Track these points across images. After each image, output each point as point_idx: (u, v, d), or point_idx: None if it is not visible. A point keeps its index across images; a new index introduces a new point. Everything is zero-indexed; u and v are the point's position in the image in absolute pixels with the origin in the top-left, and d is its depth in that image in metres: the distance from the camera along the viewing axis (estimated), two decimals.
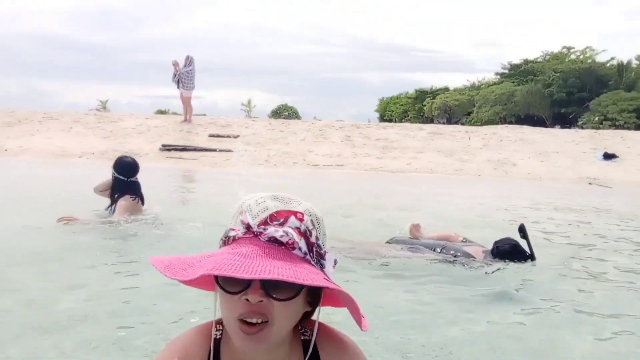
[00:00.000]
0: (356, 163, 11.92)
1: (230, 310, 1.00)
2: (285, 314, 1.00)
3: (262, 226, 1.01)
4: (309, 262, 1.01)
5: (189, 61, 16.74)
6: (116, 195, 4.88)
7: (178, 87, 16.66)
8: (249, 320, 0.98)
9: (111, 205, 4.93)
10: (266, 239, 1.00)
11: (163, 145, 12.80)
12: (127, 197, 4.88)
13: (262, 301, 0.97)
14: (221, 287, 0.99)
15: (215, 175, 9.81)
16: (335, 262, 1.06)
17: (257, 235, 1.01)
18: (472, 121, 61.91)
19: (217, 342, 1.10)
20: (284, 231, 1.01)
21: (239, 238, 1.01)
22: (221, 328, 1.10)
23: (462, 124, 61.12)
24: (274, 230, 1.01)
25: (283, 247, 0.99)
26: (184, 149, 12.72)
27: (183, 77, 16.51)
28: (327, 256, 1.05)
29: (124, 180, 4.92)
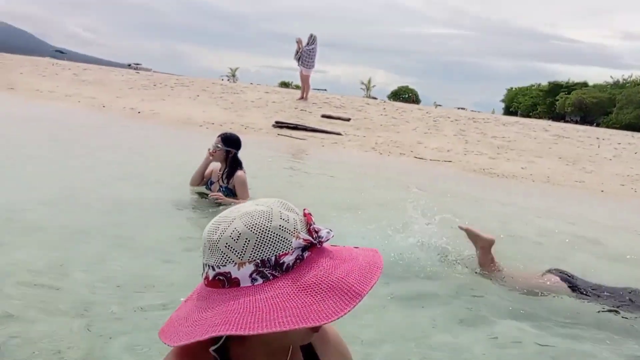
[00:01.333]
0: (465, 161, 11.42)
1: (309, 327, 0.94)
2: None
3: (316, 234, 0.99)
4: None
5: (312, 39, 17.02)
6: (229, 172, 4.87)
7: (299, 65, 17.06)
8: None
9: (226, 180, 4.89)
10: (324, 242, 0.99)
11: (276, 122, 13.21)
12: (242, 173, 4.89)
13: None
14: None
15: (322, 158, 9.95)
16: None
17: (319, 244, 0.99)
18: (610, 122, 56.66)
19: (222, 346, 1.07)
20: (326, 229, 1.01)
21: (307, 257, 0.96)
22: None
23: (598, 124, 56.13)
24: (327, 233, 1.00)
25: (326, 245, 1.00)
26: (296, 127, 13.02)
27: (304, 55, 16.86)
28: None
29: (237, 155, 4.95)
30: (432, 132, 14.28)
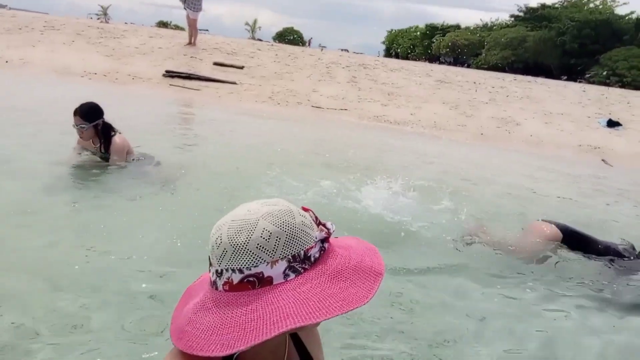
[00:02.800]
0: (360, 108, 11.84)
1: None
2: None
3: (325, 227, 1.03)
4: None
5: None
6: (106, 143, 4.50)
7: (184, 7, 16.12)
8: None
9: (105, 150, 4.52)
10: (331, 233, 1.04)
11: (167, 72, 12.59)
12: (119, 135, 4.54)
13: None
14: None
15: (219, 114, 9.77)
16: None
17: (330, 236, 1.03)
18: (479, 63, 60.93)
19: None
20: (330, 222, 1.05)
21: (326, 250, 1.01)
22: None
23: (469, 65, 60.13)
24: (331, 225, 1.04)
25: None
26: (189, 77, 12.52)
27: None
28: None
29: (105, 122, 4.49)
30: (326, 79, 14.49)
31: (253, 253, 0.95)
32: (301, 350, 1.21)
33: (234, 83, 12.71)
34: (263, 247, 0.95)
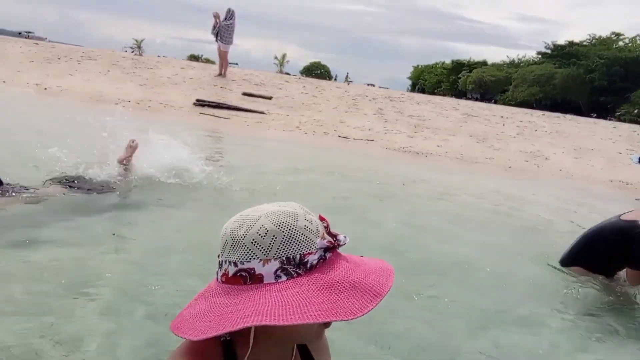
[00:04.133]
0: (387, 139, 11.87)
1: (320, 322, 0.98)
2: None
3: (335, 238, 1.02)
4: None
5: (230, 14, 16.61)
6: None
7: (217, 40, 16.61)
8: None
9: None
10: (340, 246, 1.02)
11: (197, 100, 12.88)
12: None
13: None
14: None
15: (248, 140, 9.91)
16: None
17: (338, 247, 1.02)
18: (507, 99, 60.79)
19: (228, 344, 1.06)
20: (343, 234, 1.04)
21: (328, 258, 1.00)
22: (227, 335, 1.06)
23: (496, 101, 60.01)
24: (343, 237, 1.03)
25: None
26: (218, 105, 12.79)
27: (222, 30, 16.43)
28: None
29: None
30: (353, 110, 14.62)
31: (247, 248, 0.96)
32: None
33: (262, 113, 12.91)
34: (257, 244, 0.96)
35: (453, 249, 4.50)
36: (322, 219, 1.05)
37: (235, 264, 0.98)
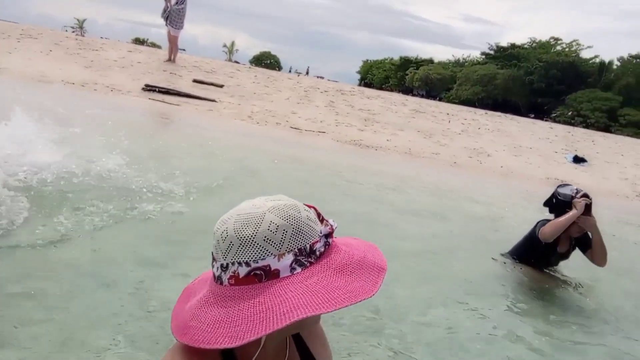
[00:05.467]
0: (338, 132, 12.04)
1: None
2: None
3: (329, 223, 1.04)
4: None
5: None
6: None
7: (166, 24, 16.18)
8: None
9: None
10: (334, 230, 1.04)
11: (146, 85, 12.56)
12: None
13: None
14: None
15: (196, 130, 9.80)
16: None
17: (333, 232, 1.03)
18: (451, 97, 62.59)
19: None
20: (331, 219, 1.05)
21: (330, 245, 1.02)
22: None
23: (440, 99, 61.67)
24: (333, 222, 1.05)
25: None
26: (168, 92, 12.52)
27: (173, 14, 16.00)
28: None
29: None
30: (304, 102, 14.69)
31: (260, 246, 0.95)
32: (303, 352, 1.19)
33: (214, 101, 12.76)
34: (270, 240, 0.95)
35: (400, 239, 4.71)
36: (310, 207, 1.05)
37: (248, 264, 0.96)
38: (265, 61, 71.54)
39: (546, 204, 4.27)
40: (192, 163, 6.37)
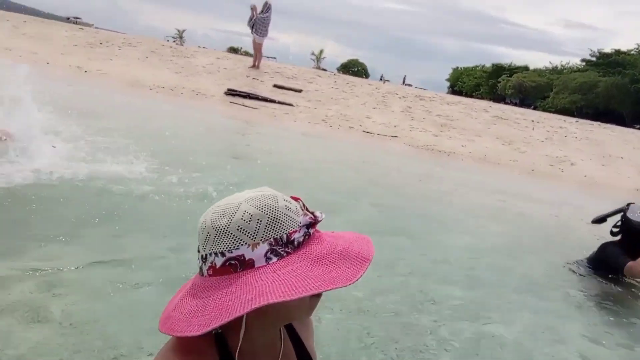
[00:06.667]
0: (411, 137, 11.96)
1: (307, 297, 0.99)
2: None
3: (313, 214, 1.04)
4: None
5: (267, 7, 16.90)
6: None
7: (252, 32, 16.95)
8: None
9: None
10: (319, 221, 1.04)
11: (228, 90, 13.24)
12: None
13: None
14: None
15: (273, 132, 10.19)
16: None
17: (317, 223, 1.03)
18: (547, 106, 59.37)
19: (219, 337, 1.05)
20: (319, 211, 1.06)
21: (312, 234, 1.02)
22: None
23: (535, 107, 58.72)
24: (319, 214, 1.05)
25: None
26: (247, 95, 13.11)
27: (258, 23, 16.75)
28: None
29: None
30: (381, 107, 14.74)
31: (234, 235, 0.96)
32: (296, 343, 1.21)
33: (291, 105, 13.17)
34: (243, 230, 0.96)
35: (461, 241, 4.68)
36: (295, 199, 1.06)
37: (223, 254, 0.97)
38: (353, 68, 71.99)
39: (614, 233, 3.99)
40: (239, 165, 6.68)
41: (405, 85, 36.10)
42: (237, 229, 0.96)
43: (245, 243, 0.96)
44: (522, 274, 4.07)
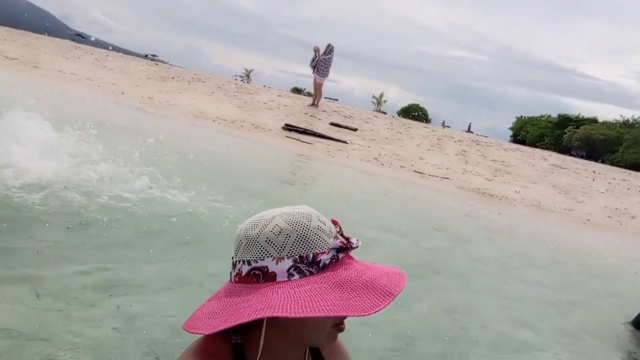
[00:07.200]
0: (462, 180, 11.93)
1: (330, 323, 1.02)
2: None
3: (348, 240, 1.04)
4: None
5: (329, 49, 17.58)
6: None
7: (313, 72, 17.62)
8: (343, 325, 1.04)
9: None
10: (353, 248, 1.04)
11: (286, 125, 13.75)
12: None
13: None
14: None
15: (325, 166, 10.48)
16: None
17: (351, 249, 1.03)
18: (615, 160, 56.94)
19: (239, 347, 1.06)
20: (355, 237, 1.05)
21: (340, 259, 1.02)
22: (237, 337, 1.07)
23: (603, 161, 56.46)
24: (356, 240, 1.05)
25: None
26: (304, 131, 13.56)
27: (320, 63, 17.41)
28: None
29: None
30: (435, 149, 14.80)
31: (261, 246, 0.98)
32: None
33: (345, 142, 13.50)
34: (271, 242, 0.98)
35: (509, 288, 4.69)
36: (334, 222, 1.06)
37: (249, 263, 1.00)
38: (413, 113, 72.25)
39: None
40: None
41: (469, 132, 35.98)
42: (266, 241, 0.98)
43: (271, 255, 0.98)
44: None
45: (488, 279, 4.84)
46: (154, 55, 65.45)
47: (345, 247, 1.01)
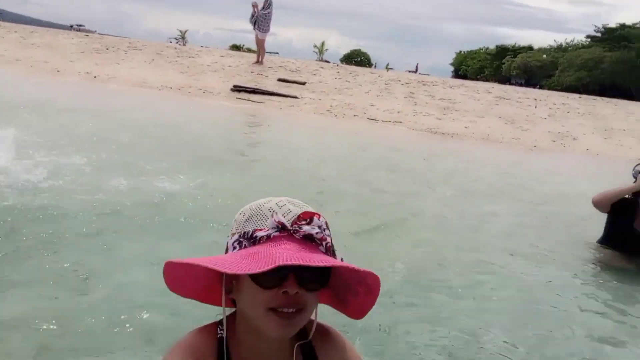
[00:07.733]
0: (414, 121, 12.25)
1: (262, 303, 1.04)
2: (312, 303, 1.09)
3: (296, 225, 1.06)
4: (332, 256, 1.09)
5: (268, 4, 17.17)
6: None
7: (254, 29, 17.25)
8: (285, 310, 1.04)
9: None
10: (301, 236, 1.05)
11: (234, 86, 13.58)
12: None
13: (297, 292, 1.03)
14: (257, 283, 1.03)
15: (279, 123, 10.52)
16: (342, 260, 1.08)
17: (292, 233, 1.05)
18: (552, 85, 59.06)
19: (222, 341, 1.12)
20: (319, 227, 1.07)
21: (273, 237, 1.05)
22: (223, 328, 1.13)
23: (541, 86, 58.47)
24: (310, 228, 1.06)
25: (314, 244, 1.06)
26: (254, 91, 13.45)
27: (260, 19, 17.03)
28: (337, 254, 1.12)
29: None
30: (384, 94, 15.01)
31: (233, 225, 1.13)
32: None
33: (296, 97, 13.49)
34: (236, 220, 1.12)
35: (467, 219, 4.99)
36: (312, 214, 1.09)
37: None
38: (356, 59, 71.92)
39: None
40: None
41: (411, 72, 36.31)
42: (234, 220, 1.13)
43: (232, 232, 1.11)
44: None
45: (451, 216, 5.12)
46: (80, 25, 61.72)
47: (280, 228, 1.05)
